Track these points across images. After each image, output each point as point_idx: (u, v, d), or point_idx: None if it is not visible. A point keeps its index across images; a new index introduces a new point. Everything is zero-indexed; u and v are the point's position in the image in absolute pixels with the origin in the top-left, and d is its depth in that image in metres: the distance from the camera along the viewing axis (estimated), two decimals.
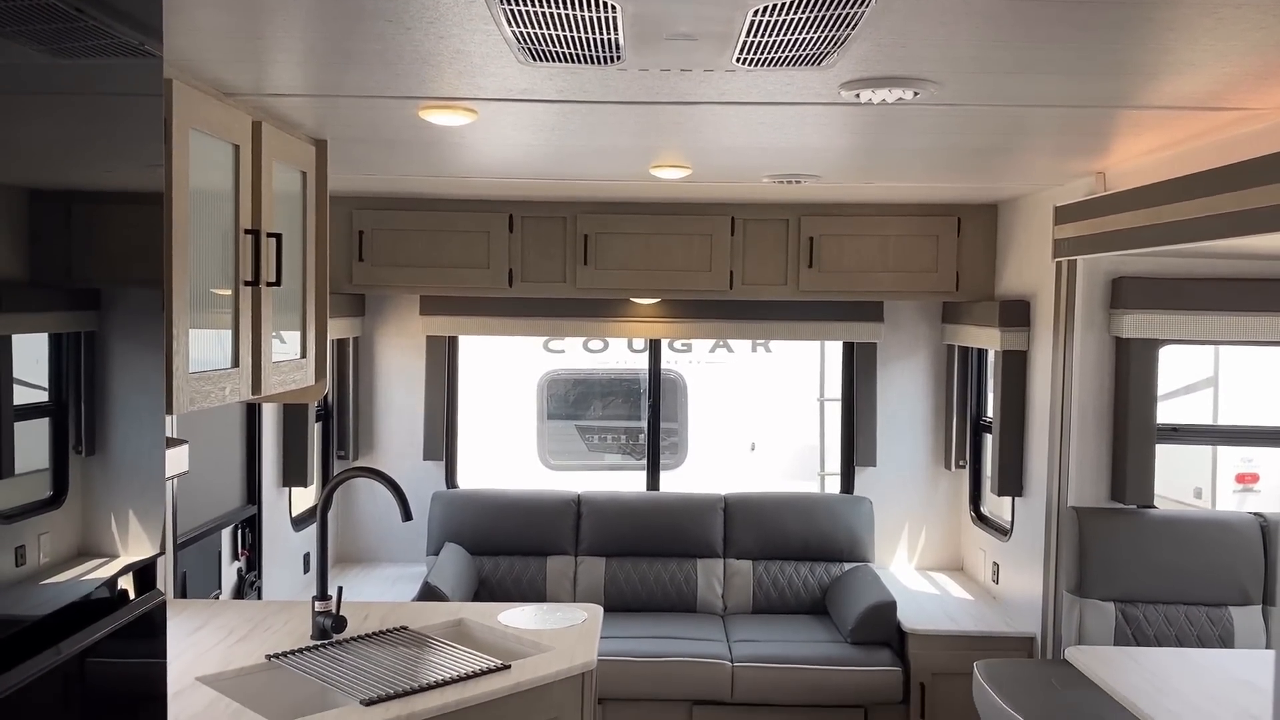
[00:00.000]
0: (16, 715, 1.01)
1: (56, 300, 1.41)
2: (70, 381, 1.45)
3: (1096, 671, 2.68)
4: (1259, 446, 4.84)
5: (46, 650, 1.08)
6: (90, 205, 1.47)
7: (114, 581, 1.21)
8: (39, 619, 1.08)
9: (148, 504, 1.47)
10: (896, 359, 4.82)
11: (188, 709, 2.21)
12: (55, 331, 1.43)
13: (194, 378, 2.14)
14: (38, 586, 1.18)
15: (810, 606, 4.52)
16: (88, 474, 1.42)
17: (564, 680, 2.50)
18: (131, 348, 1.57)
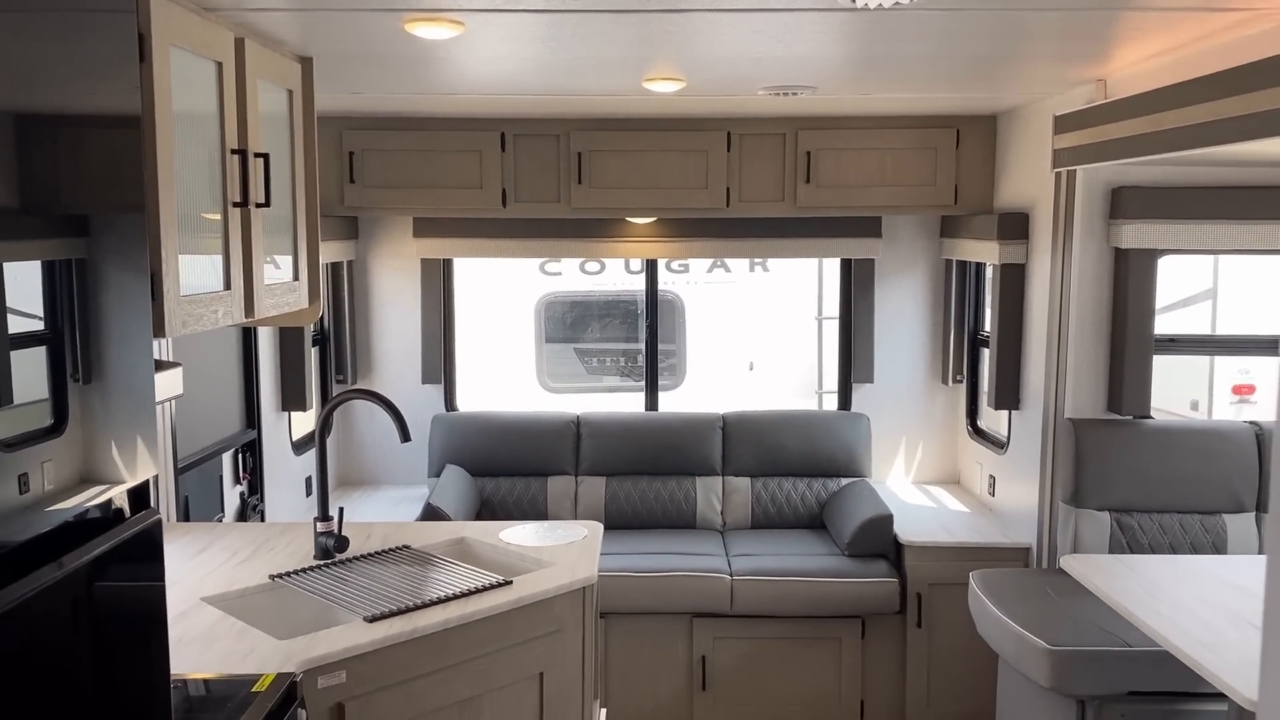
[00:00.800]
0: (21, 631, 1.02)
1: (47, 227, 1.41)
2: (64, 309, 1.44)
3: (1090, 579, 2.72)
4: (1256, 356, 4.84)
5: (48, 565, 1.09)
6: (74, 129, 1.45)
7: (109, 503, 1.21)
8: (35, 538, 1.09)
9: (144, 428, 1.47)
10: (894, 275, 4.80)
11: (194, 628, 2.24)
12: (47, 259, 1.42)
13: (185, 301, 2.13)
14: (42, 513, 1.19)
15: (808, 521, 4.57)
16: (86, 401, 1.42)
17: (565, 595, 2.54)
18: (123, 273, 1.56)
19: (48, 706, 1.06)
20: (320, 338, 4.64)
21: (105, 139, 1.52)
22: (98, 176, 1.50)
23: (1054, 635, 2.95)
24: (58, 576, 1.05)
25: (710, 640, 4.07)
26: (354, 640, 2.16)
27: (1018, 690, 3.36)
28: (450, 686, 2.31)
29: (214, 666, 2.04)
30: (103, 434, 1.43)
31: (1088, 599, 3.13)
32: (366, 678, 2.17)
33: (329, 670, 2.11)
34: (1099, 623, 3.04)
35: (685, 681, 4.11)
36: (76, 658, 1.10)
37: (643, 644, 4.09)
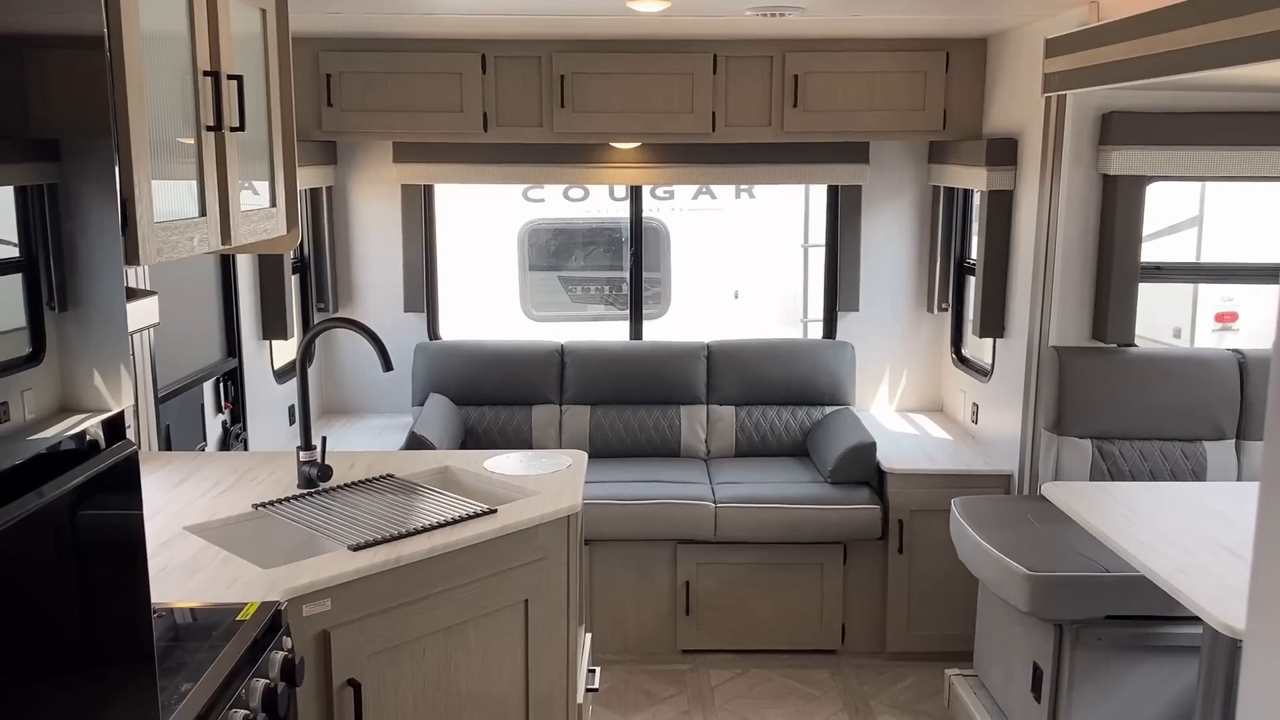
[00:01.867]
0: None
1: (16, 151, 1.37)
2: (38, 236, 1.41)
3: (1071, 505, 2.74)
4: (1242, 284, 4.84)
5: (25, 495, 1.07)
6: (40, 50, 1.39)
7: (84, 434, 1.19)
8: (10, 469, 1.07)
9: (120, 357, 1.44)
10: (881, 202, 4.76)
11: (177, 557, 2.23)
12: (19, 184, 1.38)
13: (160, 227, 2.08)
14: (23, 442, 1.17)
15: (791, 449, 4.59)
16: (63, 330, 1.40)
17: (549, 523, 2.54)
18: (96, 200, 1.52)
19: (28, 635, 1.05)
20: (300, 265, 4.58)
21: (73, 60, 1.46)
22: (66, 99, 1.46)
23: (1034, 561, 2.99)
24: (35, 507, 1.04)
25: (694, 566, 4.11)
26: (338, 569, 2.16)
27: (997, 614, 3.42)
28: (436, 614, 2.32)
29: (198, 596, 2.04)
30: (80, 363, 1.41)
31: (1068, 525, 3.16)
32: (351, 606, 2.18)
33: (313, 599, 2.12)
34: (1078, 549, 3.08)
35: (669, 606, 4.16)
36: (55, 588, 1.08)
37: (627, 570, 4.13)
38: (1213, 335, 6.84)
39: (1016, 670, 3.24)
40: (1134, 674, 2.94)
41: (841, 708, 3.82)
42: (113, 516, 1.20)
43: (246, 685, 1.78)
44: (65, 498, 1.08)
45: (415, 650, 2.31)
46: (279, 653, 1.93)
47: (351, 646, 2.18)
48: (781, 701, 3.87)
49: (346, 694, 2.18)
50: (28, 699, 1.04)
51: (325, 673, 2.15)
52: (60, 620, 1.10)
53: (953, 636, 4.06)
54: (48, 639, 1.07)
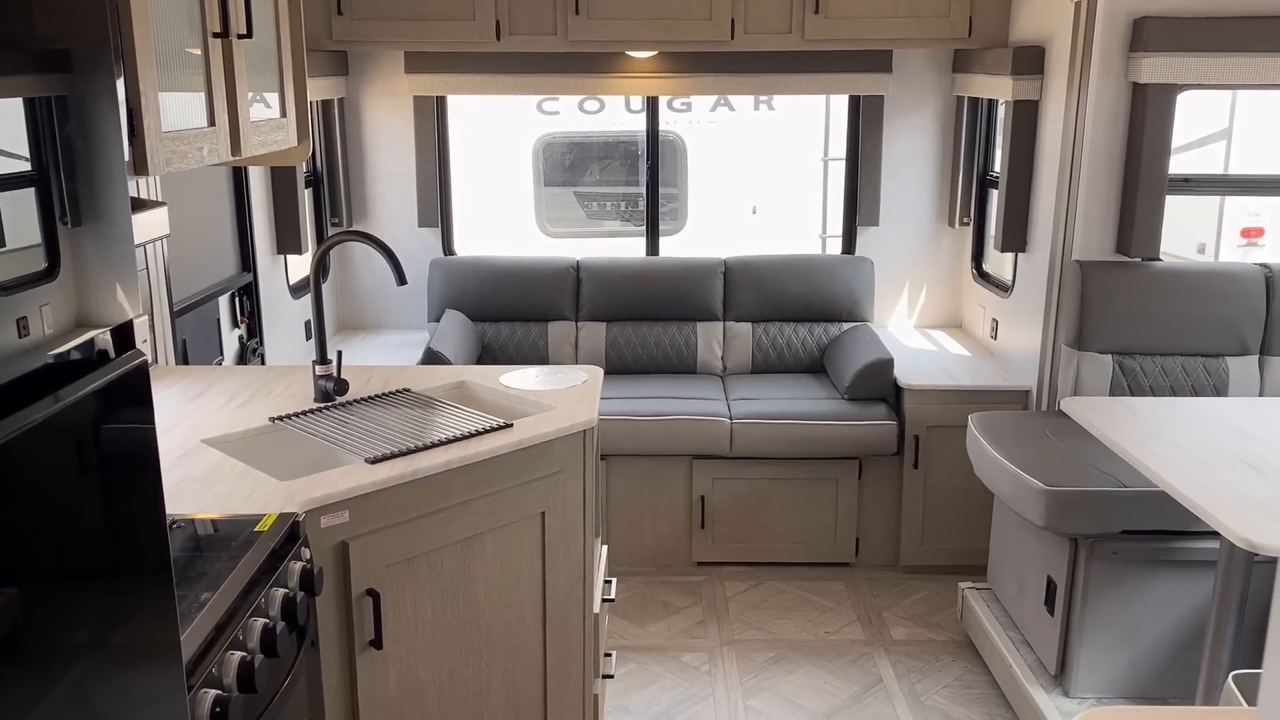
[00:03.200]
0: (8, 468, 1.00)
1: (26, 62, 1.34)
2: (49, 150, 1.40)
3: (1090, 420, 2.72)
4: (1273, 196, 4.73)
5: (39, 401, 1.06)
6: None
7: (92, 344, 1.18)
8: (14, 380, 1.06)
9: (125, 266, 1.43)
10: (903, 113, 4.65)
11: (195, 469, 2.24)
12: (29, 96, 1.36)
13: (169, 137, 2.04)
14: (43, 357, 1.17)
15: (808, 366, 4.57)
16: (77, 244, 1.39)
17: (565, 437, 2.54)
18: (103, 110, 1.49)
19: (41, 544, 1.05)
20: (313, 179, 4.54)
21: None
22: (70, 7, 1.42)
23: (1050, 476, 2.98)
24: (46, 414, 1.03)
25: (709, 481, 4.13)
26: (356, 481, 2.16)
27: (1011, 529, 3.42)
28: (453, 526, 2.34)
29: (216, 507, 2.05)
30: (93, 276, 1.40)
31: (1086, 441, 3.15)
32: (369, 517, 2.19)
33: (332, 510, 2.13)
34: (1096, 464, 3.07)
35: (685, 520, 4.19)
36: (66, 497, 1.08)
37: (643, 485, 4.16)
38: (1238, 251, 6.74)
39: (1030, 584, 3.26)
40: (1148, 588, 2.95)
41: (854, 619, 3.87)
42: (124, 426, 1.19)
43: (266, 594, 1.80)
44: (75, 407, 1.07)
45: (433, 561, 2.33)
46: (297, 563, 1.94)
47: (370, 557, 2.20)
48: (795, 613, 3.92)
49: (365, 603, 2.21)
50: (44, 607, 1.04)
51: (344, 583, 2.17)
52: (73, 529, 1.11)
53: (966, 551, 4.08)
54: (61, 547, 1.07)
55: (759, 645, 3.70)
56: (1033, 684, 3.10)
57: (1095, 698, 3.03)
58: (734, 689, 3.43)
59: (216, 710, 1.51)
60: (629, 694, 3.41)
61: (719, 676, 3.50)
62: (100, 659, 1.13)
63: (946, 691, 3.41)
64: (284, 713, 1.83)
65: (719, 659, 3.61)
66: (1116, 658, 3.01)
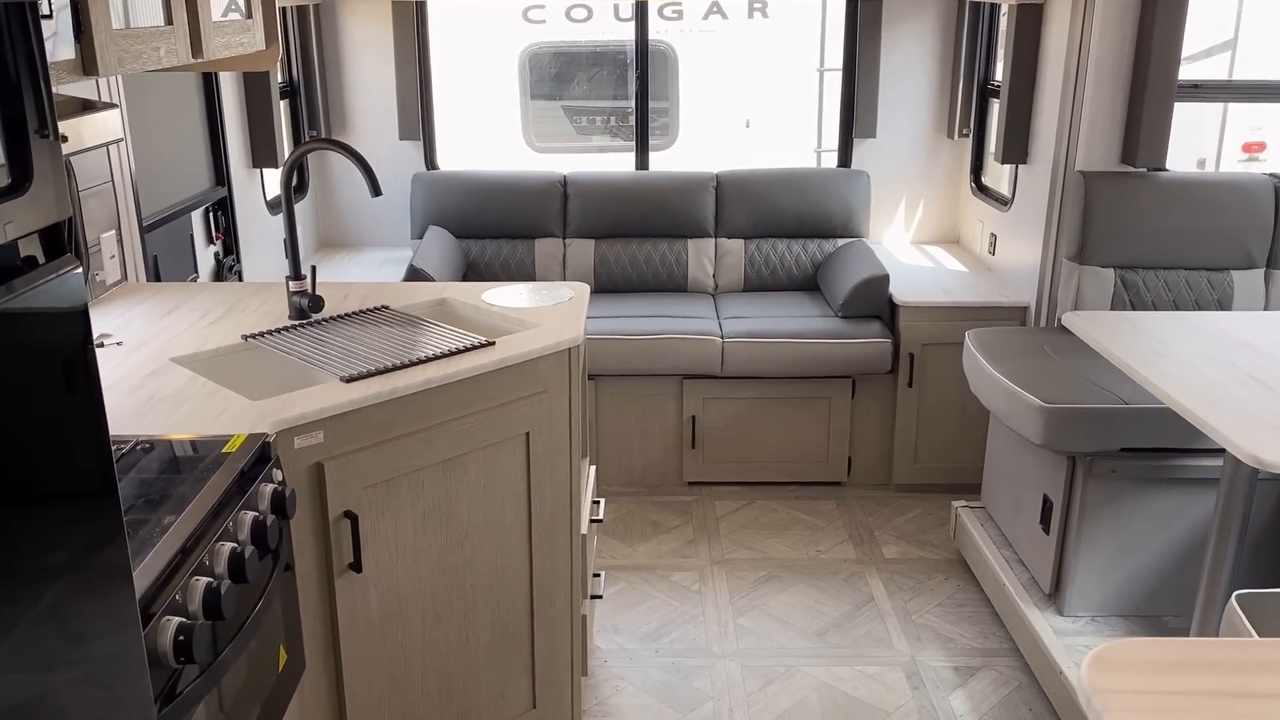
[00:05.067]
0: None
1: None
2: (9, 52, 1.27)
3: (1093, 335, 2.63)
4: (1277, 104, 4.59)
5: None
6: None
7: (14, 249, 1.07)
8: None
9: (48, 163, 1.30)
10: (902, 19, 4.47)
11: (163, 389, 2.15)
12: None
13: (120, 35, 1.91)
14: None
15: (802, 283, 4.47)
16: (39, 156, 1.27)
17: (550, 355, 2.45)
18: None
19: None
20: (289, 90, 4.37)
21: None
22: None
23: (1048, 392, 2.90)
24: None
25: (700, 400, 4.06)
26: (331, 400, 2.08)
27: (1007, 446, 3.36)
28: (433, 447, 2.26)
29: (184, 427, 1.96)
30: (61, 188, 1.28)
31: (1085, 357, 3.07)
32: (345, 438, 2.11)
33: (305, 430, 2.04)
34: (1095, 380, 2.99)
35: (675, 440, 4.13)
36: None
37: (633, 405, 4.08)
38: (1239, 166, 6.62)
39: (1025, 502, 3.21)
40: (1146, 507, 2.90)
41: (846, 538, 3.83)
42: (56, 337, 1.09)
43: (235, 517, 1.72)
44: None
45: (414, 482, 2.26)
46: (269, 485, 1.86)
47: (347, 479, 2.12)
48: (786, 532, 3.88)
49: (343, 525, 2.14)
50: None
51: (321, 505, 2.10)
52: (8, 443, 1.01)
53: (960, 469, 4.04)
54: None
55: (749, 564, 3.66)
56: (1026, 602, 3.07)
57: (1089, 616, 3.00)
58: (724, 608, 3.40)
59: (180, 639, 1.44)
60: (618, 613, 3.38)
61: (709, 595, 3.47)
62: (36, 590, 1.05)
63: (938, 610, 3.38)
64: (256, 638, 1.77)
65: (709, 578, 3.58)
66: (1111, 576, 2.97)
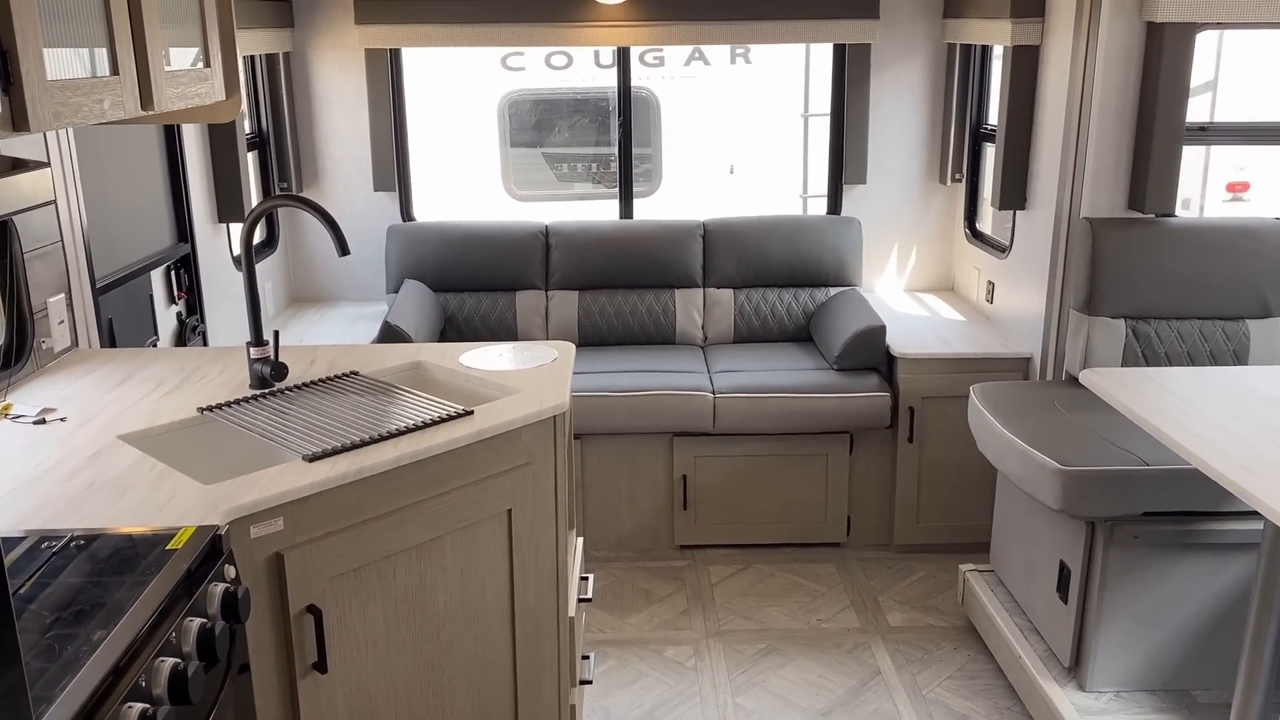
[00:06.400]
0: None
1: None
2: None
3: (1115, 395, 2.47)
4: (1272, 146, 4.47)
5: None
6: None
7: None
8: None
9: None
10: (891, 63, 4.36)
11: (106, 471, 1.95)
12: None
13: (57, 87, 1.72)
14: None
15: (794, 334, 4.30)
16: None
17: (533, 424, 2.26)
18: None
19: None
20: (258, 141, 4.20)
21: None
22: None
23: (1065, 454, 2.73)
24: None
25: (691, 459, 3.87)
26: (291, 483, 1.88)
27: (1017, 507, 3.18)
28: (406, 530, 2.06)
29: (126, 518, 1.76)
30: None
31: (1099, 413, 2.90)
32: (307, 524, 1.91)
33: (263, 518, 1.84)
34: (1111, 439, 2.82)
35: (665, 501, 3.93)
36: None
37: (621, 465, 3.89)
38: (1224, 206, 6.56)
39: (1040, 568, 3.03)
40: (1171, 574, 2.72)
41: (848, 604, 3.63)
42: None
43: (178, 626, 1.52)
44: None
45: (384, 570, 2.05)
46: (219, 585, 1.66)
47: (310, 569, 1.92)
48: (785, 598, 3.67)
49: (306, 621, 1.93)
50: None
51: (280, 600, 1.89)
52: None
53: (965, 528, 3.86)
54: None
55: (748, 636, 3.45)
56: (1045, 676, 2.87)
57: (1113, 691, 2.81)
58: (722, 685, 3.19)
59: None
60: (610, 694, 3.16)
61: (706, 672, 3.26)
62: None
63: (950, 683, 3.18)
64: None
65: (705, 652, 3.36)
66: (1136, 648, 2.78)
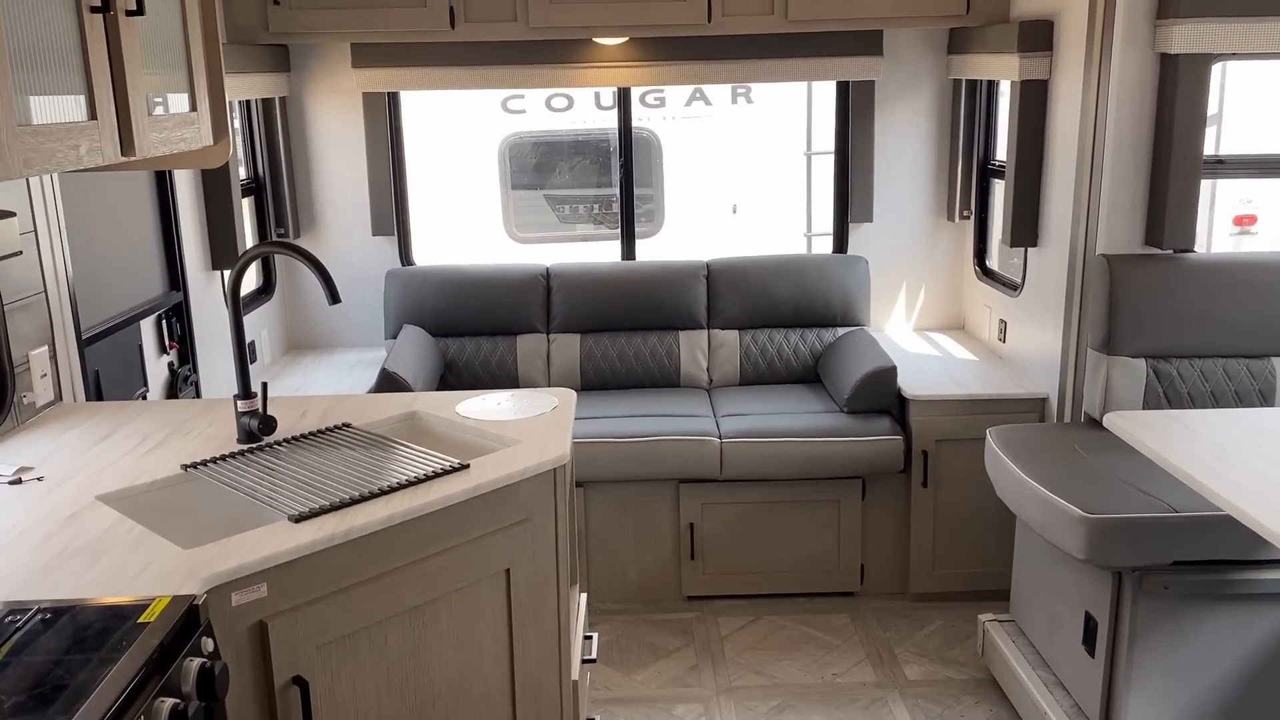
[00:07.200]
0: None
1: None
2: None
3: (1141, 439, 2.36)
4: (1274, 179, 4.38)
5: None
6: None
7: None
8: None
9: None
10: (895, 99, 4.29)
11: (82, 535, 1.84)
12: None
13: (26, 132, 1.64)
14: None
15: (801, 375, 4.20)
16: None
17: (533, 478, 2.15)
18: None
19: None
20: (255, 186, 4.14)
21: None
22: None
23: (1089, 501, 2.61)
24: None
25: (698, 507, 3.75)
26: (276, 546, 1.77)
27: (1038, 555, 3.06)
28: (399, 594, 1.95)
29: (99, 587, 1.65)
30: None
31: (1121, 457, 2.79)
32: (293, 589, 1.80)
33: (245, 584, 1.73)
34: (1137, 484, 2.71)
35: (672, 550, 3.81)
36: None
37: (625, 514, 3.77)
38: (1231, 240, 6.49)
39: (1064, 619, 2.90)
40: (1204, 626, 2.59)
41: (864, 657, 3.49)
42: None
43: (148, 708, 1.41)
44: None
45: (375, 637, 1.94)
46: (195, 660, 1.54)
47: (295, 638, 1.80)
48: (797, 651, 3.54)
49: (292, 694, 1.81)
50: None
51: (264, 671, 1.78)
52: None
53: (983, 575, 3.73)
54: None
55: (760, 692, 3.31)
56: None
57: None
58: None
59: None
60: None
61: None
62: None
63: None
64: None
65: (716, 710, 3.22)
66: (1169, 705, 2.65)
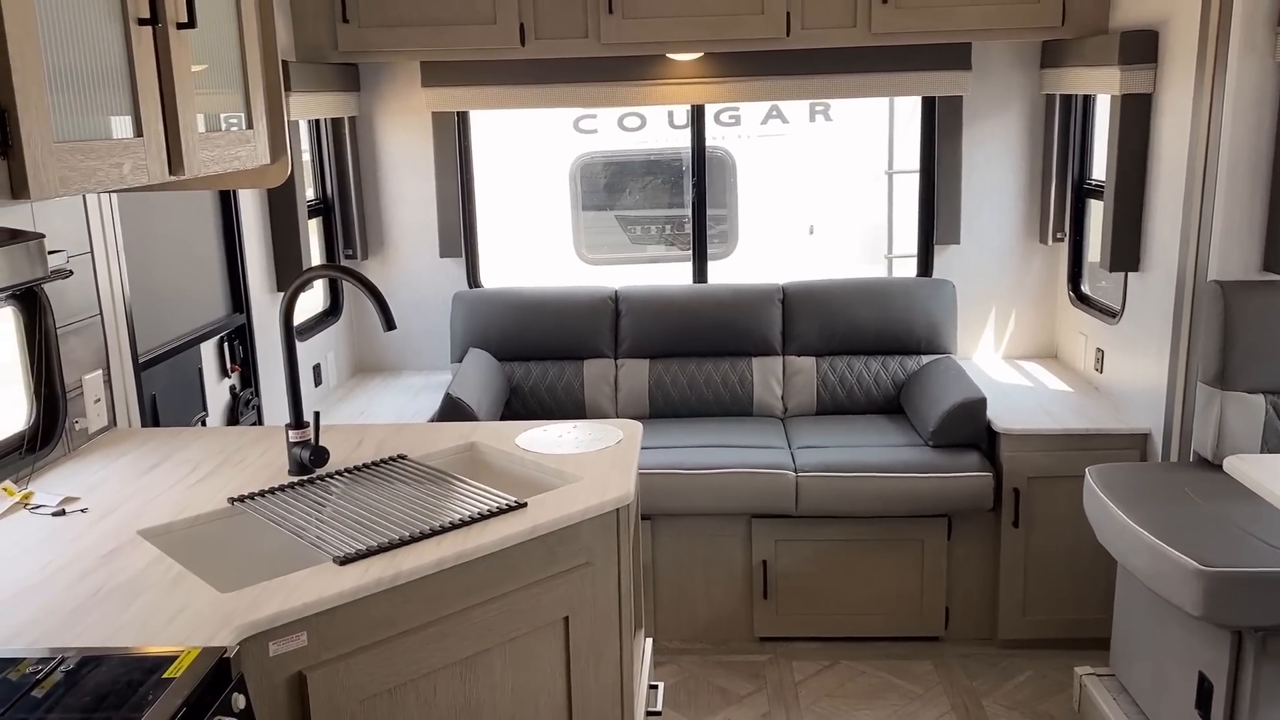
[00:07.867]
0: None
1: None
2: None
3: (1269, 486, 2.12)
4: None
5: None
6: None
7: None
8: None
9: None
10: (984, 116, 4.08)
11: (119, 574, 1.74)
12: None
13: (65, 149, 1.55)
14: None
15: (883, 406, 3.99)
16: None
17: (594, 519, 2.01)
18: None
19: None
20: (322, 207, 4.08)
21: None
22: None
23: (1205, 552, 2.38)
24: None
25: (772, 544, 3.57)
26: (318, 593, 1.65)
27: (1146, 608, 2.81)
28: (449, 643, 1.81)
29: (129, 634, 1.54)
30: None
31: (1239, 502, 2.55)
32: (335, 639, 1.67)
33: (284, 633, 1.61)
34: (1259, 535, 2.46)
35: (744, 589, 3.63)
36: None
37: (694, 549, 3.60)
38: None
39: (1174, 677, 2.65)
40: None
41: (949, 709, 3.27)
42: None
43: None
44: None
45: (423, 689, 1.80)
46: (225, 719, 1.43)
47: (337, 691, 1.68)
48: (878, 700, 3.33)
49: None
50: None
51: None
52: None
53: (1078, 622, 3.48)
54: None
55: None
56: None
57: None
58: None
59: None
60: None
61: None
62: None
63: None
64: None
65: None
66: None
